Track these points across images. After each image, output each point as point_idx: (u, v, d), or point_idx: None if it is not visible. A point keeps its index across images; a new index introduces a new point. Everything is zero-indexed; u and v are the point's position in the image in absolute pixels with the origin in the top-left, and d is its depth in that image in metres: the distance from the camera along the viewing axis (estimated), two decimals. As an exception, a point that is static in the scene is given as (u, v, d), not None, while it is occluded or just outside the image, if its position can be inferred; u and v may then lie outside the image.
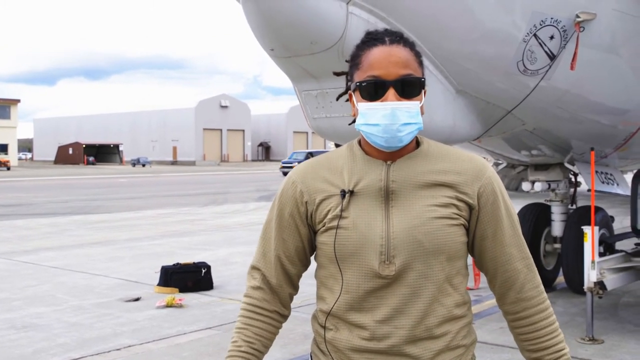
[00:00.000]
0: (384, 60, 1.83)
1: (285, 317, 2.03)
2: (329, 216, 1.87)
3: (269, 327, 1.98)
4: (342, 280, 1.86)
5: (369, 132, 1.84)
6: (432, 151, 1.91)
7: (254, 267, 2.02)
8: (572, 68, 5.66)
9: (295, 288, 2.03)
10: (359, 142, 1.95)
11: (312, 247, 2.00)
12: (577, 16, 5.55)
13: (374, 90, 1.83)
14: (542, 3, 5.47)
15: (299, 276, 2.03)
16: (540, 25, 5.49)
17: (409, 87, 1.83)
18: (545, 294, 1.95)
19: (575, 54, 5.62)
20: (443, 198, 1.84)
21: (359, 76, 1.87)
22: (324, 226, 1.88)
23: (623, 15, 6.00)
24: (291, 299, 2.04)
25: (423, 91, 1.88)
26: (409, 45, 1.88)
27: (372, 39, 1.88)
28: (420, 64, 1.90)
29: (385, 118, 1.81)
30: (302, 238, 1.96)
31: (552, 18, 5.51)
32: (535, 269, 1.96)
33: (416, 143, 1.93)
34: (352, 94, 1.91)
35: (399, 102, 1.81)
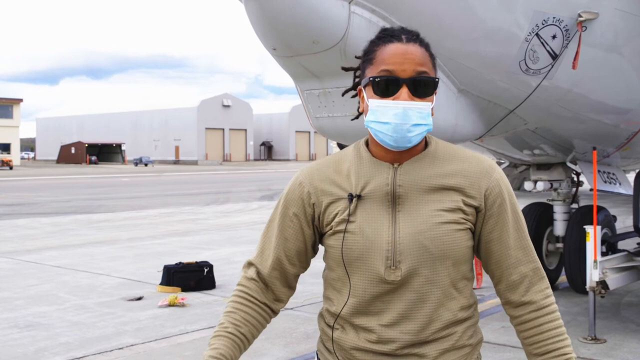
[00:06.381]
0: (400, 57, 1.78)
1: (275, 312, 2.01)
2: (336, 220, 1.85)
3: (258, 316, 1.96)
4: (350, 284, 1.85)
5: (378, 129, 1.80)
6: (440, 152, 1.87)
7: (249, 263, 2.01)
8: (574, 67, 5.66)
9: (291, 288, 2.01)
10: (366, 143, 1.91)
11: (314, 250, 1.98)
12: (580, 15, 5.55)
13: (387, 86, 1.78)
14: (544, 2, 5.47)
15: (297, 277, 2.01)
16: (543, 24, 5.49)
17: (423, 87, 1.79)
18: (552, 298, 1.92)
19: (577, 53, 5.62)
20: (450, 202, 1.81)
21: (371, 71, 1.82)
22: (331, 229, 1.86)
23: (625, 15, 6.00)
24: (287, 298, 2.02)
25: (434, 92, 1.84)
26: (425, 45, 1.84)
27: (388, 35, 1.83)
28: (435, 65, 1.85)
29: (397, 117, 1.76)
30: (305, 239, 1.94)
31: (554, 17, 5.50)
32: (543, 272, 1.92)
33: (424, 143, 1.89)
34: (363, 89, 1.86)
35: (412, 102, 1.77)
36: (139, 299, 8.07)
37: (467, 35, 5.45)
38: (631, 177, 7.69)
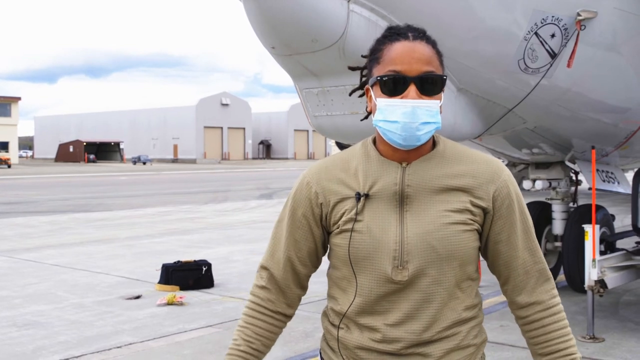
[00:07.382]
0: (407, 55, 1.77)
1: (289, 317, 2.01)
2: (344, 218, 1.84)
3: (271, 327, 1.96)
4: (357, 284, 1.84)
5: (386, 128, 1.79)
6: (448, 152, 1.86)
7: (262, 267, 1.99)
8: (568, 65, 5.66)
9: (303, 288, 2.01)
10: (373, 141, 1.90)
11: (325, 249, 1.97)
12: (578, 14, 5.55)
13: (394, 85, 1.77)
14: (544, 1, 5.47)
15: (309, 277, 2.00)
16: (542, 23, 5.49)
17: (431, 85, 1.78)
18: (558, 298, 1.92)
19: (573, 51, 5.62)
20: (458, 203, 1.81)
21: (379, 70, 1.80)
22: (338, 228, 1.85)
23: (624, 14, 6.00)
24: (299, 299, 2.01)
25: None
26: (431, 43, 1.84)
27: (394, 33, 1.82)
28: (442, 62, 1.84)
29: (405, 116, 1.75)
30: (315, 239, 1.93)
31: (553, 16, 5.50)
32: (550, 273, 1.93)
33: (432, 142, 1.88)
34: (370, 88, 1.85)
35: (420, 100, 1.76)
36: (138, 297, 8.06)
37: (466, 34, 5.45)
38: (630, 176, 7.69)
